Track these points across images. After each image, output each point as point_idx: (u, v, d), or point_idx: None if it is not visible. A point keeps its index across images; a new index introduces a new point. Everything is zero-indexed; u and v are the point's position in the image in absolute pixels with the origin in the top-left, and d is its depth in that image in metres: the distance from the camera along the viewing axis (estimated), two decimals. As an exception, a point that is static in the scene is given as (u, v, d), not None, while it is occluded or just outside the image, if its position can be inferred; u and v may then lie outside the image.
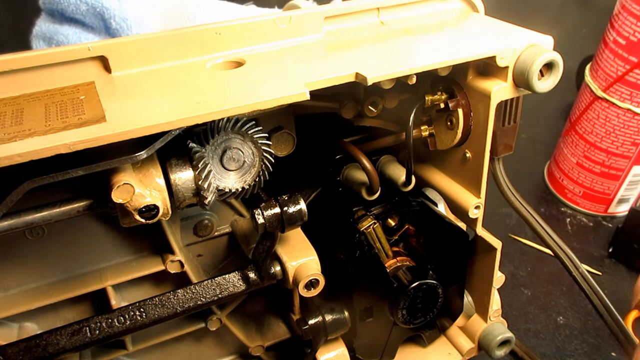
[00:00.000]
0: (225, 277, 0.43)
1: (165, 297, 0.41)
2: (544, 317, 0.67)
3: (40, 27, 0.82)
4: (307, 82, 0.35)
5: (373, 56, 0.39)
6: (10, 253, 0.41)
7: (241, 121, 0.38)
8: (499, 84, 0.41)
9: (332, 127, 0.49)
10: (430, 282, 0.47)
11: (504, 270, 0.52)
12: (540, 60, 0.38)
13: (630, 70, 0.68)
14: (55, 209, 0.35)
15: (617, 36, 0.69)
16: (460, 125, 0.44)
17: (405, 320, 0.49)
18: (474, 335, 0.54)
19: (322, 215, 0.46)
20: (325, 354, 0.48)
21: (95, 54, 0.37)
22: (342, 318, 0.47)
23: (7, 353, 0.37)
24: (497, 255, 0.50)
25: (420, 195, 0.50)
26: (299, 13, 0.42)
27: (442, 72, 0.41)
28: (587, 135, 0.77)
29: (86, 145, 0.30)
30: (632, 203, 0.81)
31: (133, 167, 0.35)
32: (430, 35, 0.43)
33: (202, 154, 0.37)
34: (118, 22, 0.78)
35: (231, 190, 0.39)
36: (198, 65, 0.39)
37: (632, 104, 0.70)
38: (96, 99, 0.34)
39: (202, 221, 0.48)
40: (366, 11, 0.45)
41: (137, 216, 0.34)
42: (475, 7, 0.47)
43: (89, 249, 0.44)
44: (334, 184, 0.50)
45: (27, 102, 0.35)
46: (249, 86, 0.36)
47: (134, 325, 0.40)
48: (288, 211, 0.39)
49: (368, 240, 0.47)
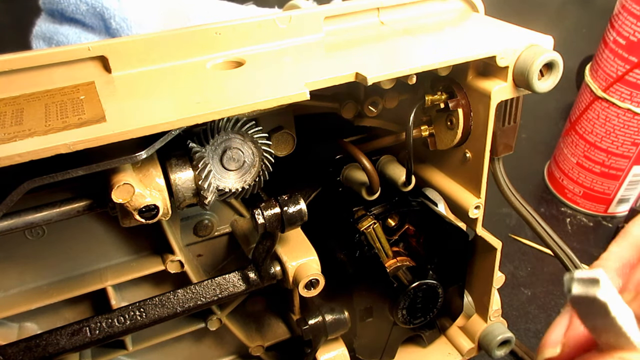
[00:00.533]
0: (225, 277, 0.43)
1: (165, 297, 0.41)
2: (544, 317, 0.67)
3: (40, 27, 0.82)
4: (307, 82, 0.35)
5: (373, 56, 0.39)
6: (10, 253, 0.41)
7: (241, 121, 0.38)
8: (499, 84, 0.41)
9: (332, 127, 0.49)
10: (430, 282, 0.47)
11: (504, 270, 0.52)
12: (540, 60, 0.38)
13: (630, 70, 0.68)
14: (55, 209, 0.35)
15: (617, 36, 0.69)
16: (460, 125, 0.44)
17: (405, 320, 0.49)
18: (474, 335, 0.54)
19: (322, 215, 0.47)
20: (325, 354, 0.48)
21: (95, 54, 0.37)
22: (342, 318, 0.47)
23: (7, 353, 0.37)
24: (497, 255, 0.50)
25: (420, 195, 0.50)
26: (299, 13, 0.42)
27: (442, 72, 0.41)
28: (587, 135, 0.77)
29: (86, 145, 0.30)
30: (632, 203, 0.81)
31: (133, 167, 0.35)
32: (430, 35, 0.42)
33: (202, 154, 0.37)
34: (118, 22, 0.78)
35: (231, 190, 0.39)
36: (198, 65, 0.39)
37: (632, 104, 0.70)
38: (96, 99, 0.34)
39: (202, 221, 0.48)
40: (366, 11, 0.45)
41: (137, 216, 0.34)
42: (475, 7, 0.47)
43: (89, 249, 0.44)
44: (334, 184, 0.50)
45: (27, 102, 0.35)
46: (249, 86, 0.36)
47: (134, 325, 0.40)
48: (288, 211, 0.39)
49: (368, 240, 0.47)
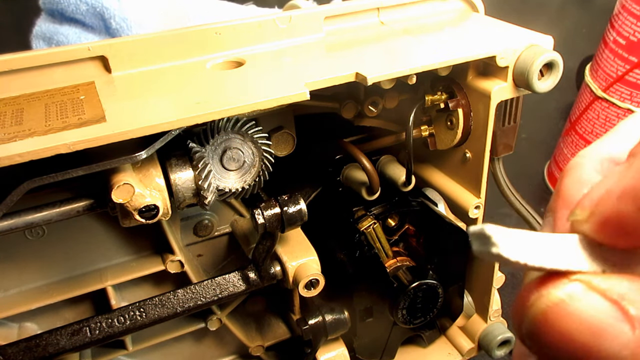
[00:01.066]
0: (225, 277, 0.43)
1: (165, 297, 0.41)
2: (544, 317, 0.67)
3: (40, 27, 0.82)
4: (307, 82, 0.35)
5: (373, 56, 0.39)
6: (10, 253, 0.42)
7: (241, 121, 0.38)
8: (499, 84, 0.41)
9: (332, 127, 0.49)
10: (430, 282, 0.47)
11: (504, 270, 0.52)
12: (540, 60, 0.38)
13: (630, 70, 0.68)
14: (55, 209, 0.35)
15: (617, 36, 0.69)
16: (460, 125, 0.44)
17: (405, 320, 0.49)
18: (474, 335, 0.54)
19: (322, 215, 0.46)
20: (325, 354, 0.48)
21: (95, 54, 0.37)
22: (342, 318, 0.47)
23: (7, 353, 0.37)
24: (497, 255, 0.49)
25: (420, 195, 0.50)
26: (299, 13, 0.42)
27: (442, 72, 0.41)
28: (587, 135, 0.77)
29: (86, 145, 0.30)
30: (632, 203, 0.81)
31: (133, 167, 0.35)
32: (430, 35, 0.42)
33: (202, 154, 0.37)
34: (118, 22, 0.78)
35: (231, 190, 0.39)
36: (198, 65, 0.39)
37: (632, 104, 0.70)
38: (96, 99, 0.34)
39: (202, 221, 0.48)
40: (366, 11, 0.45)
41: (137, 216, 0.34)
42: (475, 7, 0.47)
43: (89, 249, 0.44)
44: (334, 184, 0.50)
45: (27, 102, 0.35)
46: (249, 86, 0.36)
47: (134, 325, 0.40)
48: (288, 211, 0.39)
49: (368, 240, 0.47)
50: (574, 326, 0.16)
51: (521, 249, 0.17)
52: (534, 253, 0.17)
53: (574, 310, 0.16)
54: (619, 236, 0.17)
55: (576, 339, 0.16)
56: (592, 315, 0.16)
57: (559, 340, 0.16)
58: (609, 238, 0.17)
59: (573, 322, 0.16)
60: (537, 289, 0.17)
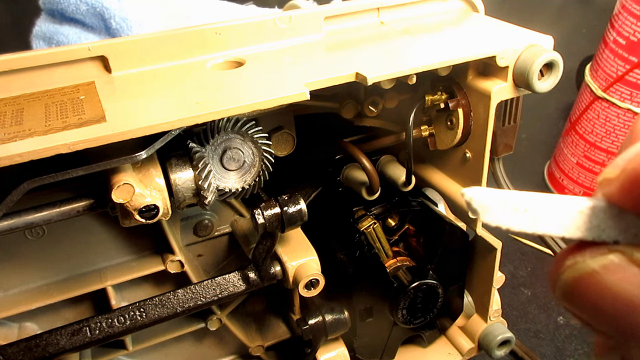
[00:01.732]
0: (225, 277, 0.43)
1: (165, 297, 0.41)
2: (544, 317, 0.67)
3: (40, 27, 0.82)
4: (307, 82, 0.35)
5: (373, 56, 0.39)
6: (10, 253, 0.42)
7: (241, 121, 0.38)
8: (499, 84, 0.41)
9: (332, 127, 0.49)
10: (430, 282, 0.47)
11: (504, 270, 0.52)
12: (540, 60, 0.38)
13: (630, 70, 0.68)
14: (55, 209, 0.35)
15: (617, 36, 0.69)
16: (460, 125, 0.44)
17: (405, 320, 0.49)
18: (474, 335, 0.54)
19: (322, 215, 0.47)
20: (325, 354, 0.48)
21: (95, 54, 0.37)
22: (342, 318, 0.47)
23: (7, 353, 0.37)
24: (497, 255, 0.50)
25: (420, 195, 0.50)
26: (299, 13, 0.42)
27: (442, 72, 0.41)
28: (587, 135, 0.77)
29: (86, 145, 0.30)
30: (632, 203, 0.81)
31: (133, 167, 0.35)
32: (430, 35, 0.42)
33: (202, 154, 0.37)
34: (118, 22, 0.78)
35: (231, 190, 0.39)
36: (198, 65, 0.39)
37: (632, 104, 0.70)
38: (96, 99, 0.34)
39: (202, 221, 0.48)
40: (366, 11, 0.45)
41: (137, 216, 0.34)
42: (475, 7, 0.47)
43: (89, 249, 0.44)
44: (334, 184, 0.50)
45: (27, 102, 0.35)
46: (249, 86, 0.36)
47: (134, 325, 0.40)
48: (288, 211, 0.39)
49: (368, 240, 0.47)
50: (610, 295, 0.16)
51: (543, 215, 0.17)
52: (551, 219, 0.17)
53: (611, 282, 0.16)
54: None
55: (611, 309, 0.16)
56: (627, 289, 0.15)
57: (594, 307, 0.16)
58: (633, 200, 0.16)
59: (609, 293, 0.16)
60: (572, 254, 0.17)
